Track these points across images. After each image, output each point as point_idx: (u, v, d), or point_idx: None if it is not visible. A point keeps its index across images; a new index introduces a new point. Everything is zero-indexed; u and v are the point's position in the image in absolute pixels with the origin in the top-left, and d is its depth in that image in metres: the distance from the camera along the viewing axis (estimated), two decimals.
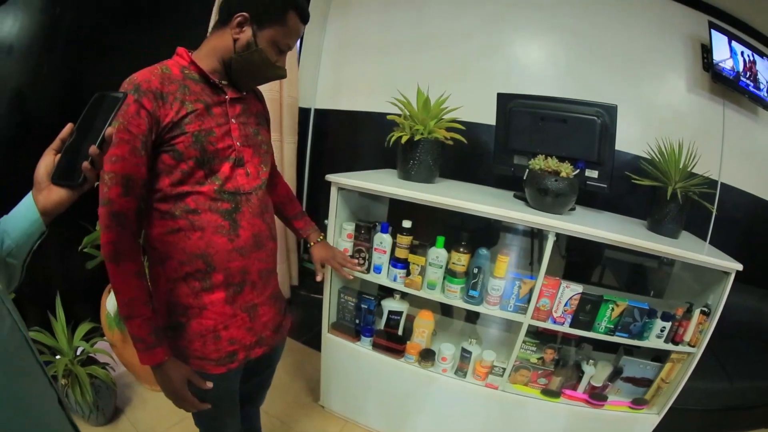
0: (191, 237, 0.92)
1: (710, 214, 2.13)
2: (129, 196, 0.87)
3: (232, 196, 0.95)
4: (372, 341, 1.74)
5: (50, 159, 0.64)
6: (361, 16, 2.67)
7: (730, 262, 1.39)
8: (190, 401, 0.97)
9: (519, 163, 1.73)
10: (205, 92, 0.93)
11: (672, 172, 1.53)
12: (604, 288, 1.87)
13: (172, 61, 0.94)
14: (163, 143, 0.88)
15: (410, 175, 1.70)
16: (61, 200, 0.64)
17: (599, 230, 1.38)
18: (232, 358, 1.02)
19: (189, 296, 0.96)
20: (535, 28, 2.30)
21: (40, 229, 0.64)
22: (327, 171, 1.66)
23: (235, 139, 0.96)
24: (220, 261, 0.95)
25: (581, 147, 1.62)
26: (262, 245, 1.02)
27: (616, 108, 1.59)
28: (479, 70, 2.36)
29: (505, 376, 1.56)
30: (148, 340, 0.90)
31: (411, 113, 1.68)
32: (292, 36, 0.95)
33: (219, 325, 0.98)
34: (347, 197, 1.69)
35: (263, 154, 1.05)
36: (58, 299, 1.70)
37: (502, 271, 1.48)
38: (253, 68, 0.95)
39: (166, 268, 0.95)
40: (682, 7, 2.19)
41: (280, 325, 1.15)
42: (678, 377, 1.53)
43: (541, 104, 1.67)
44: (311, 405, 1.98)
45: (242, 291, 1.00)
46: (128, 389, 1.91)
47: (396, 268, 1.61)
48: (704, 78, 2.17)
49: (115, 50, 1.86)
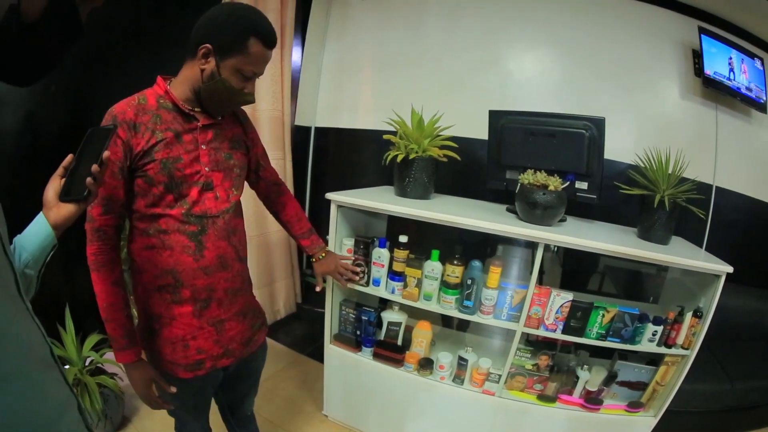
0: (162, 254, 1.03)
1: (706, 219, 2.19)
2: (109, 215, 0.99)
3: (198, 219, 1.04)
4: (372, 351, 1.82)
5: (57, 182, 0.78)
6: (359, 36, 2.78)
7: (719, 264, 1.44)
8: (154, 400, 1.09)
9: (511, 178, 1.81)
10: (177, 120, 1.02)
11: (660, 180, 1.60)
12: (603, 296, 1.94)
13: (151, 90, 1.04)
14: (137, 169, 0.99)
15: (406, 192, 1.80)
16: (69, 214, 0.78)
17: (586, 240, 1.46)
18: (200, 365, 1.11)
19: (161, 306, 1.07)
20: (528, 42, 2.39)
21: (52, 243, 0.77)
22: (327, 187, 1.76)
23: (203, 165, 1.04)
24: (186, 278, 1.05)
25: (570, 160, 1.70)
26: (227, 266, 1.10)
27: (604, 120, 1.66)
28: (474, 86, 2.45)
29: (501, 382, 1.64)
30: (121, 342, 1.02)
31: (406, 133, 1.78)
32: (256, 62, 1.01)
33: (188, 335, 1.08)
34: (347, 214, 1.78)
35: (235, 178, 1.12)
36: (68, 311, 1.79)
37: (494, 282, 1.57)
38: (219, 96, 1.02)
39: (143, 279, 1.07)
40: (672, 14, 2.25)
41: (250, 339, 1.23)
42: (673, 380, 1.59)
43: (531, 120, 1.75)
44: (315, 414, 2.06)
45: (209, 306, 1.09)
46: (135, 399, 1.97)
47: (394, 281, 1.70)
48: (696, 83, 2.23)
49: (121, 69, 1.93)
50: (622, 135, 2.21)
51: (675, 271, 1.77)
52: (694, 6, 2.24)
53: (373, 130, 2.64)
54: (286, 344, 2.65)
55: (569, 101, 2.26)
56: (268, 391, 2.15)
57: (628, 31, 2.27)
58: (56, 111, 1.83)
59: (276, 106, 2.58)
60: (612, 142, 1.86)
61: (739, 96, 2.23)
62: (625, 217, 1.92)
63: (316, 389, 2.13)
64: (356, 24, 2.78)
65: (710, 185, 2.26)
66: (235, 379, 1.29)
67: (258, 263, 2.63)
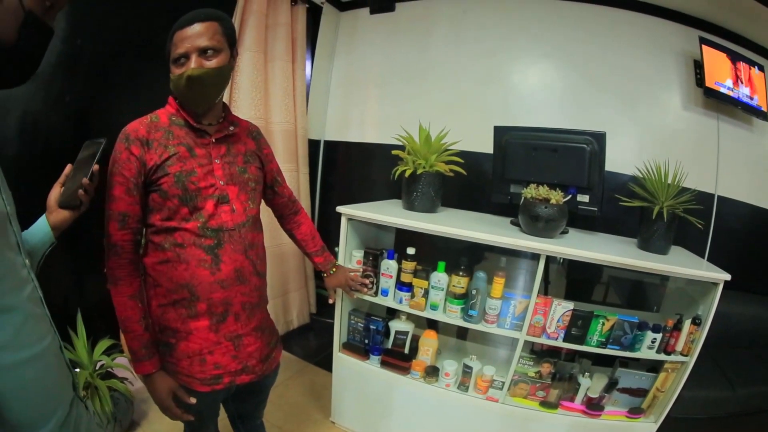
0: (177, 268, 1.06)
1: (707, 228, 2.29)
2: (124, 230, 1.04)
3: (215, 232, 1.07)
4: (380, 359, 1.92)
5: (57, 190, 0.93)
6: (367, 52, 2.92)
7: (716, 273, 1.52)
8: (173, 411, 1.11)
9: (515, 192, 1.90)
10: (189, 136, 1.08)
11: (659, 192, 1.69)
12: (608, 306, 2.02)
13: (163, 110, 1.10)
14: (152, 183, 1.04)
15: (414, 205, 1.91)
16: (64, 219, 0.91)
17: (585, 251, 1.55)
18: (218, 380, 1.14)
19: (177, 321, 1.10)
20: (531, 57, 2.50)
21: (50, 240, 0.89)
22: (337, 200, 1.86)
23: (217, 178, 1.09)
24: (202, 291, 1.07)
25: (572, 174, 1.79)
26: (245, 280, 1.13)
27: (605, 135, 1.75)
28: (479, 101, 2.56)
29: (504, 389, 1.74)
30: (139, 353, 1.06)
31: (414, 148, 1.89)
32: (178, 45, 1.02)
33: (204, 349, 1.11)
34: (356, 227, 1.89)
35: (250, 191, 1.16)
36: (79, 316, 1.85)
37: (498, 292, 1.67)
38: (177, 89, 1.05)
39: (158, 294, 1.10)
40: (673, 25, 2.34)
41: (268, 356, 1.26)
42: (673, 386, 1.67)
43: (534, 135, 1.85)
44: (323, 422, 2.15)
45: (225, 320, 1.12)
46: (145, 404, 2.07)
47: (401, 291, 1.81)
48: (698, 94, 2.32)
49: (133, 79, 2.04)
50: (625, 147, 2.31)
51: (676, 280, 1.85)
52: (694, 16, 2.32)
53: (381, 144, 2.76)
54: (297, 353, 2.75)
55: (572, 114, 2.36)
56: (278, 398, 2.24)
57: (630, 43, 2.36)
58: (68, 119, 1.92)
59: (288, 119, 2.69)
60: (615, 155, 1.95)
61: (740, 105, 2.29)
62: (628, 228, 1.99)
63: (324, 397, 2.23)
64: (364, 40, 2.91)
65: (712, 194, 2.34)
66: (247, 394, 1.33)
67: (272, 274, 2.66)
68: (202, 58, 1.02)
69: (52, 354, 0.61)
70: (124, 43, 2.06)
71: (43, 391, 0.60)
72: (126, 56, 2.04)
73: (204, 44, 1.01)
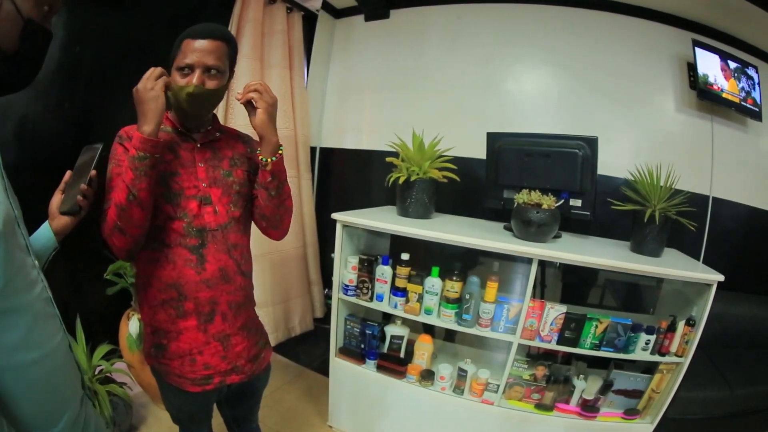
0: (165, 267, 1.12)
1: (703, 229, 2.34)
2: None
3: (198, 232, 1.13)
4: (376, 364, 1.98)
5: (58, 197, 0.98)
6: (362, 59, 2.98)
7: (709, 274, 1.57)
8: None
9: (508, 197, 1.96)
10: (175, 140, 1.15)
11: (651, 195, 1.74)
12: (604, 309, 2.07)
13: None
14: None
15: (408, 212, 1.97)
16: (66, 225, 0.96)
17: (577, 255, 1.61)
18: (208, 381, 1.19)
19: (167, 322, 1.15)
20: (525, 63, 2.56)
21: (53, 245, 0.94)
22: (332, 206, 1.92)
23: (200, 180, 1.14)
24: (189, 290, 1.12)
25: (564, 179, 1.85)
26: (229, 279, 1.18)
27: (596, 140, 1.81)
28: (474, 107, 2.62)
29: (499, 392, 1.80)
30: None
31: (407, 156, 1.95)
32: (186, 54, 1.05)
33: (194, 349, 1.16)
34: (351, 233, 1.96)
35: (234, 195, 1.20)
36: (78, 322, 1.88)
37: (492, 296, 1.73)
38: (176, 100, 1.09)
39: (148, 295, 1.16)
40: (666, 28, 2.40)
41: (257, 356, 1.30)
42: (668, 387, 1.71)
43: (526, 141, 1.91)
44: (320, 426, 2.20)
45: (213, 320, 1.16)
46: (143, 409, 2.14)
47: (396, 297, 1.87)
48: (691, 96, 2.37)
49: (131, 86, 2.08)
50: (620, 151, 2.36)
51: (671, 282, 1.89)
52: (687, 18, 2.38)
53: (376, 151, 2.82)
54: (294, 359, 2.81)
55: (567, 119, 2.42)
56: (275, 402, 2.31)
57: (623, 46, 2.42)
58: (67, 126, 1.98)
59: (287, 124, 2.74)
60: (609, 158, 2.00)
61: (734, 106, 2.34)
62: (622, 231, 2.02)
63: (322, 401, 2.28)
64: (359, 47, 2.98)
65: (707, 196, 2.40)
66: (240, 396, 1.38)
67: (272, 280, 2.77)
68: (205, 75, 1.07)
69: (62, 353, 0.65)
70: (122, 50, 2.12)
71: (55, 390, 0.63)
72: (124, 63, 2.08)
73: (210, 63, 1.06)
